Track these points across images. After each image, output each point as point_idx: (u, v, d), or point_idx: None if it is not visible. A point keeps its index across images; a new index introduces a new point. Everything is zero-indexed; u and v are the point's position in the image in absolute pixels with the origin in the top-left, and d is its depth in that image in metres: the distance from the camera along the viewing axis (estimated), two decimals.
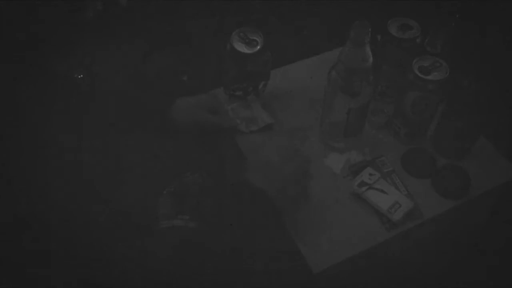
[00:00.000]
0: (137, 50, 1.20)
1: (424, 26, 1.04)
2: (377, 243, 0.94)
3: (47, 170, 0.73)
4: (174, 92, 1.04)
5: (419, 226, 0.96)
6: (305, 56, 1.25)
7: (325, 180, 1.02)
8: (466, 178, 1.01)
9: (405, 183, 1.01)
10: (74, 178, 0.76)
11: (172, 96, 1.02)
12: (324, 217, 0.96)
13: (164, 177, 0.93)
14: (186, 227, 0.86)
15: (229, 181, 0.92)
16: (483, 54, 1.11)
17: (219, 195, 0.87)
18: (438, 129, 1.05)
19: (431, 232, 1.00)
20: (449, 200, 1.00)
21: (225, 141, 1.08)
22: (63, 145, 0.77)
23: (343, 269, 0.92)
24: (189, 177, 0.94)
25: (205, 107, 1.05)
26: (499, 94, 0.97)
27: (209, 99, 1.07)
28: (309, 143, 1.08)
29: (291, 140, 1.08)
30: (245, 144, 1.08)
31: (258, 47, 1.05)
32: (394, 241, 0.95)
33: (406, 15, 1.05)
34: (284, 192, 0.87)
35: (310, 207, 0.97)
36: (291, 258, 0.93)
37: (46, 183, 0.72)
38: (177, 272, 0.76)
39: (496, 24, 1.14)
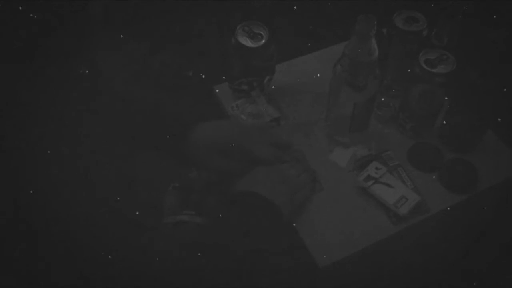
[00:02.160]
0: (143, 47, 1.20)
1: (430, 18, 1.03)
2: (383, 238, 0.94)
3: (48, 169, 0.73)
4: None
5: (426, 220, 0.96)
6: (310, 51, 1.25)
7: (330, 174, 1.01)
8: (473, 172, 1.00)
9: (412, 177, 1.01)
10: (76, 177, 0.76)
11: (190, 121, 0.94)
12: (330, 212, 0.96)
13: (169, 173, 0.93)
14: (192, 222, 0.86)
15: (235, 190, 0.91)
16: (490, 46, 1.10)
17: (225, 203, 0.87)
18: (444, 122, 1.05)
19: (438, 226, 1.00)
20: (456, 194, 0.99)
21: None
22: (65, 144, 0.77)
23: (349, 264, 0.92)
24: (194, 173, 0.94)
25: (219, 147, 0.94)
26: (506, 87, 0.97)
27: (227, 134, 0.95)
28: (315, 138, 1.08)
29: (297, 136, 1.08)
30: None
31: (263, 41, 1.05)
32: (400, 235, 0.95)
33: (412, 8, 1.05)
34: (292, 203, 0.88)
35: (316, 201, 0.97)
36: (296, 252, 0.93)
37: (48, 182, 0.72)
38: (182, 267, 0.76)
39: (503, 17, 1.13)
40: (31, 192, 0.72)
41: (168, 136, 0.91)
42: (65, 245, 0.72)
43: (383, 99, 1.10)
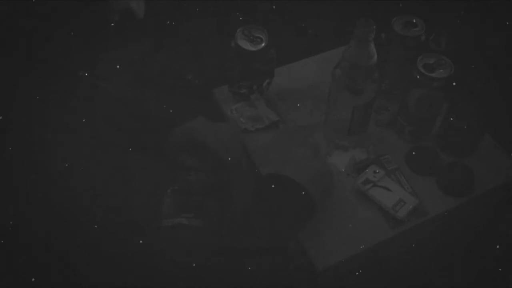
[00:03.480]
0: (142, 49, 1.20)
1: (428, 23, 1.04)
2: (381, 241, 0.94)
3: (47, 170, 0.73)
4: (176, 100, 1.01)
5: (424, 223, 0.96)
6: (310, 55, 1.25)
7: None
8: (471, 175, 1.01)
9: (410, 181, 1.01)
10: (75, 178, 0.76)
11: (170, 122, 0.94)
12: (328, 215, 0.96)
13: (167, 176, 0.92)
14: (190, 225, 0.86)
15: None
16: (488, 51, 1.11)
17: (252, 187, 0.86)
18: (442, 126, 1.05)
19: (436, 229, 1.00)
20: (454, 198, 0.99)
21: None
22: (64, 144, 0.77)
23: (347, 267, 0.93)
24: (193, 176, 0.94)
25: (188, 146, 0.93)
26: (504, 92, 0.97)
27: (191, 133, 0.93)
28: (314, 141, 1.08)
29: (296, 139, 1.09)
30: (251, 142, 1.08)
31: (263, 44, 1.05)
32: (398, 238, 0.95)
33: (411, 13, 1.05)
34: (316, 184, 0.87)
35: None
36: (295, 255, 0.93)
37: (46, 183, 0.72)
38: (180, 271, 0.76)
39: (501, 21, 1.13)
40: (30, 192, 0.72)
41: (153, 138, 0.92)
42: (64, 247, 0.72)
43: (381, 103, 1.11)
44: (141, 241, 0.77)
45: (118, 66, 1.07)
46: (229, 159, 0.92)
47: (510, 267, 0.97)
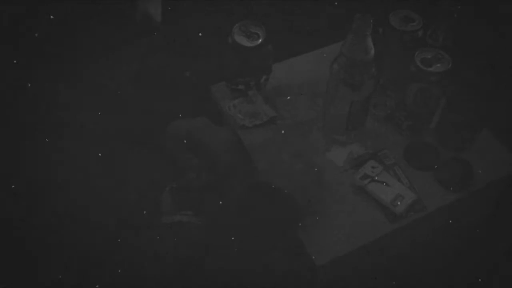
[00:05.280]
0: (140, 47, 1.20)
1: (426, 18, 1.04)
2: (380, 236, 0.94)
3: (47, 170, 0.73)
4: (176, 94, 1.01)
5: (422, 218, 0.97)
6: (307, 50, 1.25)
7: (327, 173, 1.02)
8: (469, 170, 1.01)
9: (408, 176, 1.01)
10: (74, 178, 0.76)
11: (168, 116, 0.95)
12: (327, 210, 0.97)
13: (165, 174, 0.93)
14: (189, 222, 0.86)
15: (241, 182, 0.91)
16: (485, 45, 1.11)
17: (233, 196, 0.87)
18: (440, 121, 1.05)
19: (435, 224, 1.00)
20: (452, 193, 0.99)
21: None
22: (62, 140, 0.77)
23: (346, 261, 0.93)
24: (192, 173, 0.94)
25: (184, 143, 0.94)
26: (502, 86, 0.97)
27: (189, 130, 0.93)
28: (312, 137, 1.08)
29: (294, 135, 1.09)
30: (249, 139, 1.08)
31: (260, 40, 1.05)
32: (397, 233, 0.95)
33: (408, 8, 1.05)
34: (302, 190, 0.88)
35: (313, 200, 0.97)
36: (294, 250, 0.93)
37: (46, 183, 0.72)
38: (179, 268, 0.76)
39: (497, 16, 1.13)
40: (27, 189, 0.72)
41: (151, 134, 0.92)
42: (61, 243, 0.72)
43: (379, 98, 1.11)
44: (140, 239, 0.77)
45: (118, 64, 1.07)
46: (227, 165, 0.93)
47: (510, 261, 0.97)
